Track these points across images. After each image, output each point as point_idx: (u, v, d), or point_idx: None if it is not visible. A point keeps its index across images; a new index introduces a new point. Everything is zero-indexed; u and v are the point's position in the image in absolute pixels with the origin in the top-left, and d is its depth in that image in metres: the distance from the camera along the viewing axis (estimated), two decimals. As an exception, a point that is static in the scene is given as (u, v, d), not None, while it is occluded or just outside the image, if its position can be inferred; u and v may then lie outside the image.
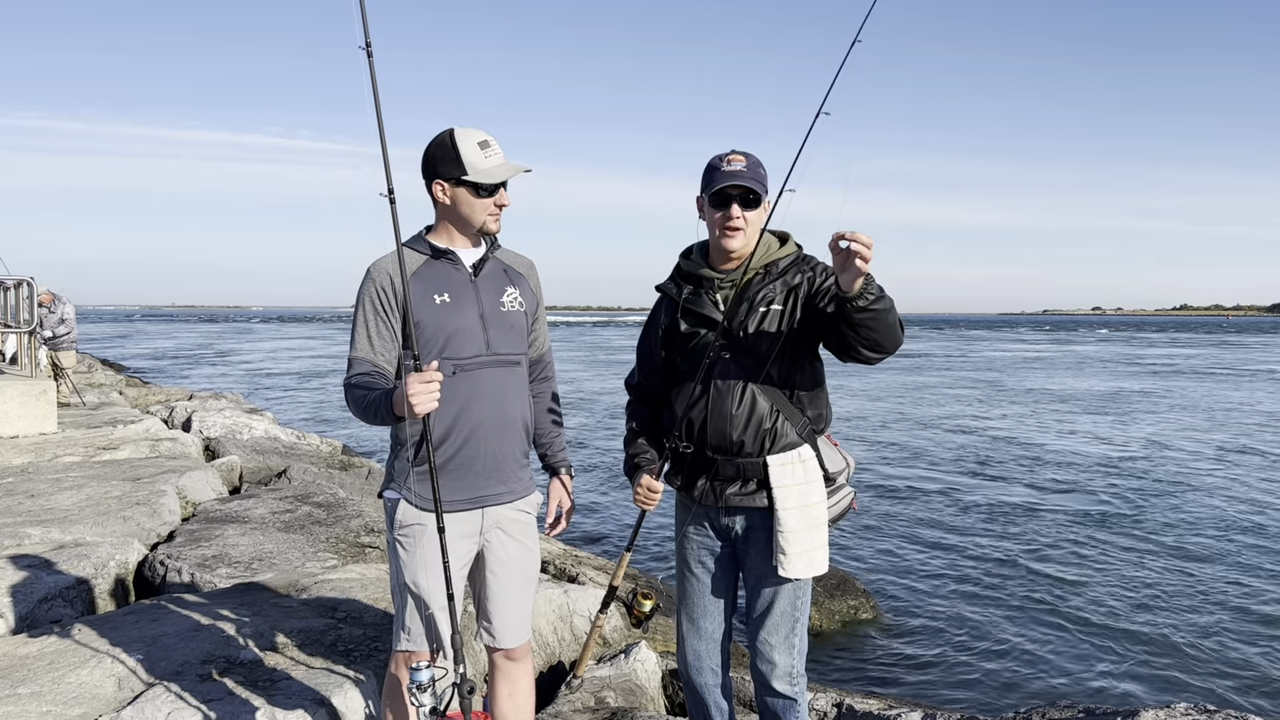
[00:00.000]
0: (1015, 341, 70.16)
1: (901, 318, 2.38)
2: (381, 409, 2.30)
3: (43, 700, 3.07)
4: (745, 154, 2.56)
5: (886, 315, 2.29)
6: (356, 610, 4.00)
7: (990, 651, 6.26)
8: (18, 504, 6.00)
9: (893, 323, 2.32)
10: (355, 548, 5.42)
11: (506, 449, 2.54)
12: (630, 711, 3.67)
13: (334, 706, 3.15)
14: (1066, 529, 9.64)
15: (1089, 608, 7.11)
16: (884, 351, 2.38)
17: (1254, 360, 43.05)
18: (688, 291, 2.67)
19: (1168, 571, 8.09)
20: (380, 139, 2.27)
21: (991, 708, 5.32)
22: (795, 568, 2.53)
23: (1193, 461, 14.04)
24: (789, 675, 2.65)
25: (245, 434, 10.58)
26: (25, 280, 11.31)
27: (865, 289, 2.23)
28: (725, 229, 2.55)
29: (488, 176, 2.43)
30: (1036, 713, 3.65)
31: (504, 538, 2.57)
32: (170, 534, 5.65)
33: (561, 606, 4.53)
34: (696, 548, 2.72)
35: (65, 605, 4.30)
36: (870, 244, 2.13)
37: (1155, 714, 3.18)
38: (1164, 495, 11.42)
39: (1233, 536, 9.33)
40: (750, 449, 2.56)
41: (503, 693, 2.68)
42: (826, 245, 2.20)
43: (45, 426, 9.34)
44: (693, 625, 2.75)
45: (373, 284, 2.45)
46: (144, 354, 45.11)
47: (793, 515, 2.53)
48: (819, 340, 2.57)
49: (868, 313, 2.27)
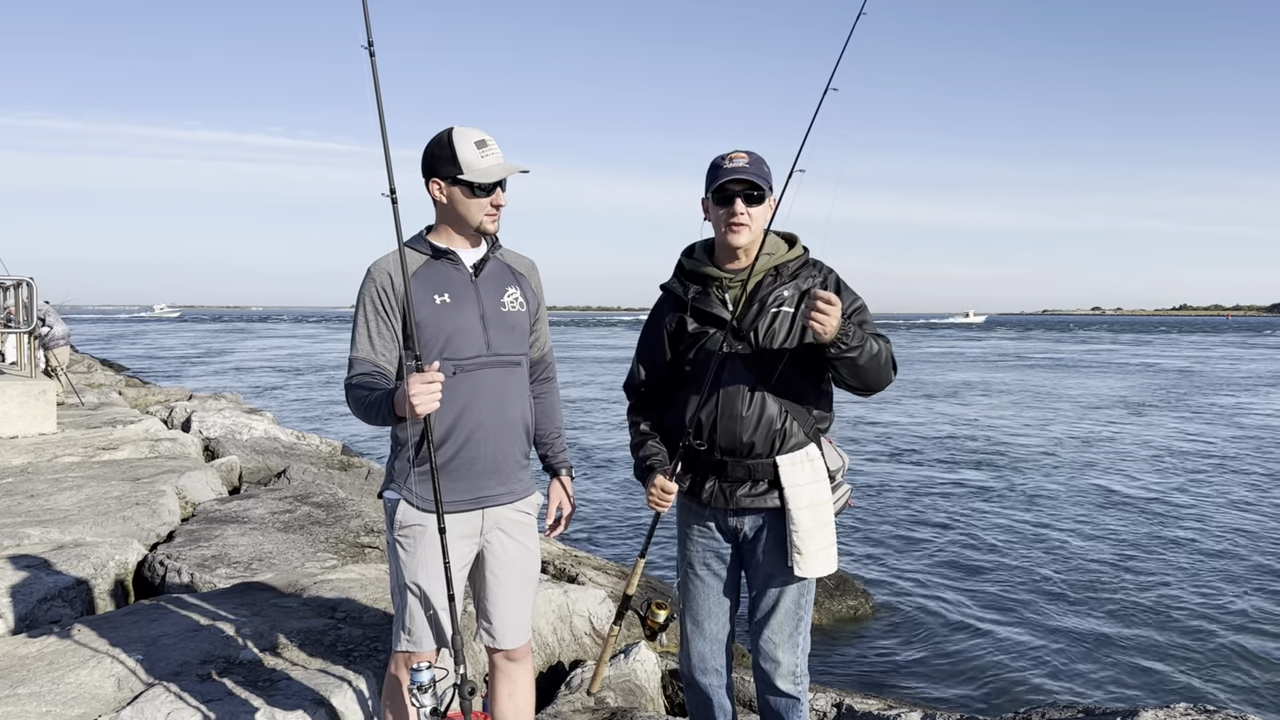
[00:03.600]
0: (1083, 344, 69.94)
1: (894, 355, 2.56)
2: (383, 409, 2.30)
3: (42, 700, 3.07)
4: (748, 152, 2.57)
5: (862, 362, 2.46)
6: (356, 610, 4.00)
7: (990, 651, 6.26)
8: (17, 504, 6.00)
9: (871, 367, 2.49)
10: (355, 548, 5.42)
11: (507, 450, 2.54)
12: (630, 711, 3.67)
13: (333, 707, 3.14)
14: (1067, 529, 9.65)
15: (1089, 608, 7.11)
16: (868, 390, 2.57)
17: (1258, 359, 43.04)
18: (695, 290, 2.66)
19: (1168, 571, 8.09)
20: (382, 138, 2.26)
21: (991, 708, 5.32)
22: (811, 566, 2.55)
23: (1196, 463, 14.04)
24: (792, 674, 2.65)
25: (245, 434, 10.57)
26: (25, 280, 11.31)
27: (840, 338, 2.40)
28: (730, 225, 2.55)
29: (483, 176, 2.42)
30: (1036, 713, 3.64)
31: (504, 538, 2.57)
32: (170, 534, 5.64)
33: (561, 607, 4.53)
34: (702, 550, 2.72)
35: (65, 605, 4.30)
36: (827, 310, 2.32)
37: (1155, 714, 3.18)
38: (1164, 496, 11.42)
39: (1234, 537, 9.33)
40: (760, 450, 2.56)
41: (503, 693, 2.67)
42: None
43: (45, 427, 9.34)
44: (697, 627, 2.74)
45: (373, 284, 2.44)
46: (144, 354, 45.09)
47: (805, 514, 2.55)
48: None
49: (842, 360, 2.44)
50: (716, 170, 2.57)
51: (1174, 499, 11.18)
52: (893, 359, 2.56)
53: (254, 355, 45.09)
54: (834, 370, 2.51)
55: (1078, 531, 9.53)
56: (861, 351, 2.44)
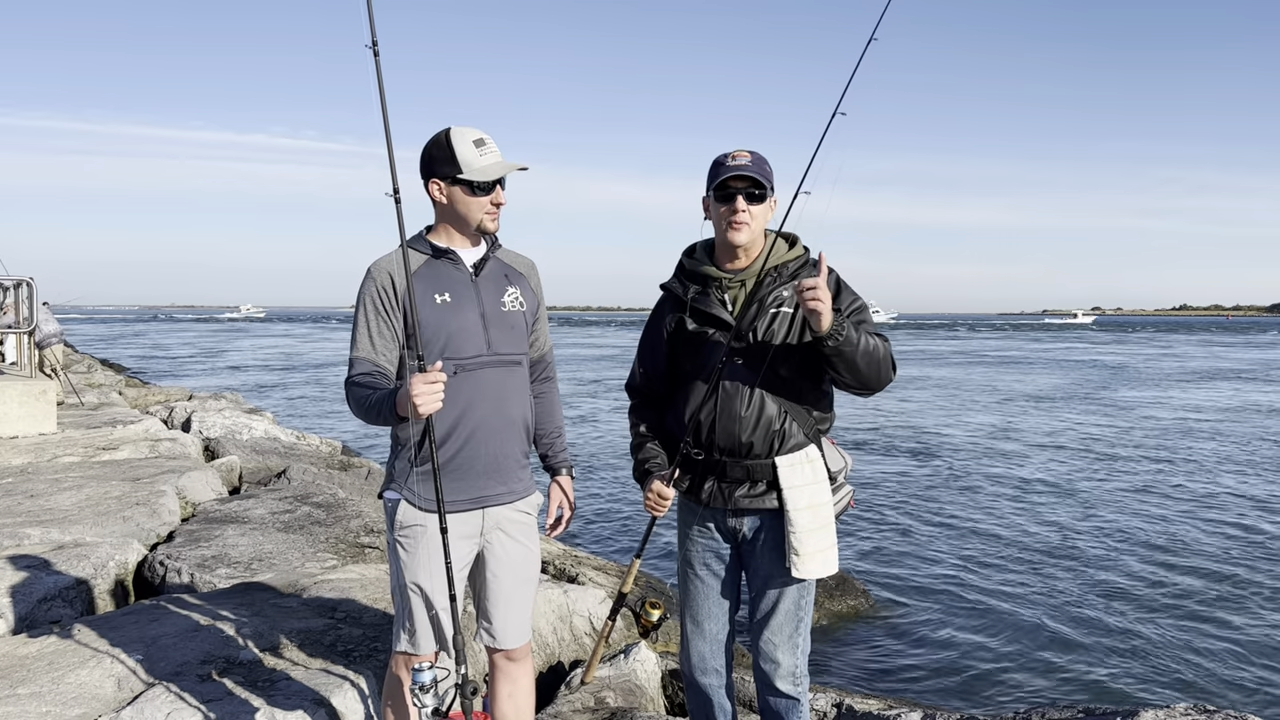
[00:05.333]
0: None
1: (893, 355, 2.55)
2: (384, 409, 2.29)
3: (42, 700, 3.07)
4: (751, 151, 2.56)
5: (857, 357, 2.44)
6: (356, 610, 4.00)
7: (990, 651, 6.26)
8: (17, 504, 5.99)
9: (866, 364, 2.47)
10: (355, 548, 5.42)
11: (507, 449, 2.54)
12: (630, 712, 3.66)
13: (333, 707, 3.14)
14: (1067, 529, 9.65)
15: (1090, 608, 7.11)
16: (866, 389, 2.55)
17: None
18: (695, 291, 2.65)
19: (1169, 572, 8.09)
20: (385, 138, 2.26)
21: (991, 708, 5.32)
22: (809, 568, 2.55)
23: (1198, 464, 14.04)
24: (792, 675, 2.65)
25: (245, 434, 10.57)
26: (25, 280, 11.31)
27: (834, 330, 2.39)
28: (731, 223, 2.54)
29: (482, 174, 2.42)
30: (1036, 713, 3.64)
31: (504, 538, 2.57)
32: (170, 534, 5.64)
33: (561, 607, 4.53)
34: (702, 550, 2.71)
35: (65, 605, 4.30)
36: (815, 294, 2.32)
37: (1155, 714, 3.18)
38: (1165, 496, 11.42)
39: (1235, 538, 9.33)
40: (759, 450, 2.56)
41: (503, 693, 2.67)
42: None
43: (45, 427, 9.33)
44: (697, 627, 2.74)
45: (373, 283, 2.44)
46: (144, 354, 45.07)
47: (804, 516, 2.54)
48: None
49: (839, 355, 2.43)
50: (719, 168, 2.56)
51: (1175, 500, 11.18)
52: (891, 358, 2.55)
53: (253, 355, 45.08)
54: (830, 367, 2.49)
55: (1078, 532, 9.53)
56: (856, 347, 2.43)
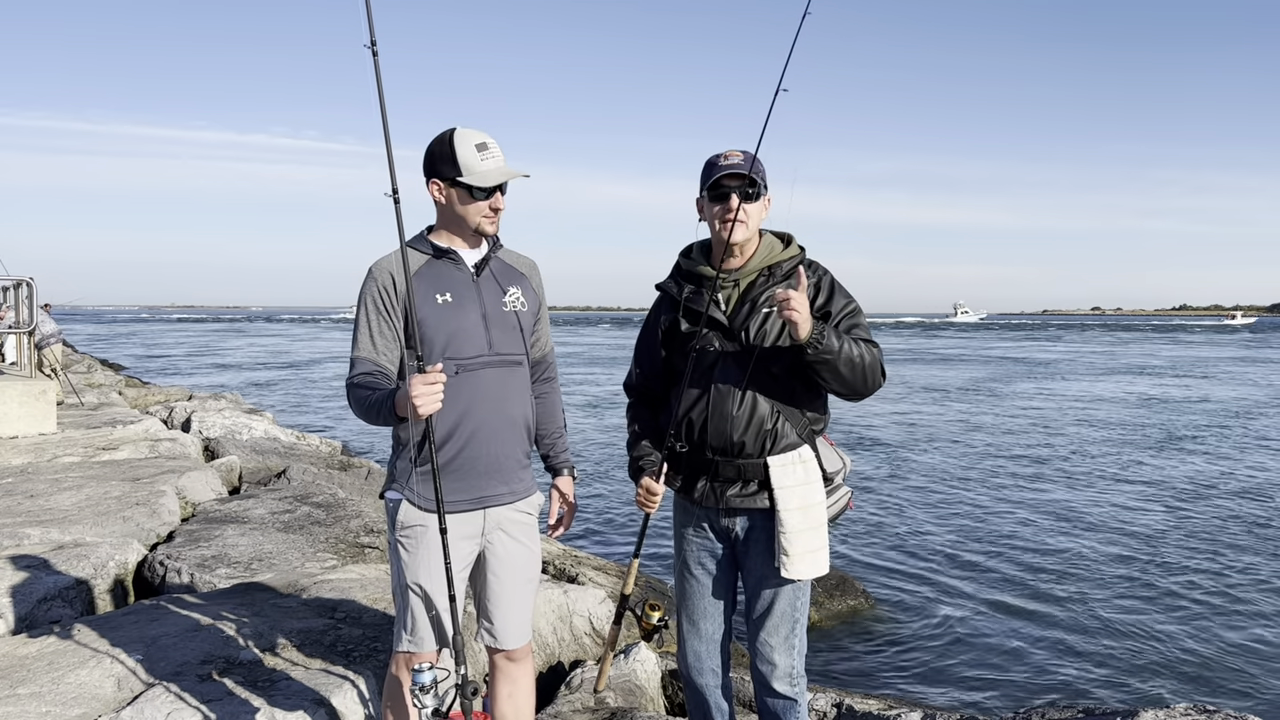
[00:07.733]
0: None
1: (882, 362, 2.54)
2: (384, 409, 2.29)
3: (42, 700, 3.07)
4: (744, 151, 2.57)
5: (839, 365, 2.43)
6: (356, 610, 4.00)
7: (990, 651, 6.26)
8: (17, 504, 5.99)
9: (849, 372, 2.45)
10: (355, 548, 5.42)
11: (508, 449, 2.54)
12: (630, 712, 3.67)
13: (333, 707, 3.14)
14: (1067, 530, 9.65)
15: (1090, 608, 7.11)
16: (854, 394, 2.54)
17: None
18: (689, 291, 2.66)
19: (1169, 572, 8.09)
20: (385, 138, 2.26)
21: (991, 708, 5.32)
22: (798, 569, 2.53)
23: (1199, 464, 14.04)
24: (789, 676, 2.65)
25: (245, 434, 10.57)
26: (25, 280, 11.32)
27: (814, 339, 2.38)
28: (725, 221, 2.54)
29: (482, 180, 2.41)
30: (1036, 713, 3.65)
31: (505, 539, 2.57)
32: (170, 534, 5.64)
33: (561, 607, 4.53)
34: (696, 549, 2.72)
35: (65, 605, 4.30)
36: (791, 304, 2.32)
37: (1155, 714, 3.18)
38: (1165, 496, 11.43)
39: (1235, 538, 9.33)
40: (751, 450, 2.56)
41: (503, 693, 2.67)
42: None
43: (45, 427, 9.34)
44: (693, 627, 2.74)
45: (374, 283, 2.44)
46: (143, 354, 45.07)
47: (794, 516, 2.53)
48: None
49: (821, 363, 2.42)
50: (712, 168, 2.57)
51: (1175, 500, 11.18)
52: (880, 364, 2.54)
53: (253, 355, 45.09)
54: (814, 373, 2.47)
55: (1078, 532, 9.53)
56: (838, 355, 2.41)
